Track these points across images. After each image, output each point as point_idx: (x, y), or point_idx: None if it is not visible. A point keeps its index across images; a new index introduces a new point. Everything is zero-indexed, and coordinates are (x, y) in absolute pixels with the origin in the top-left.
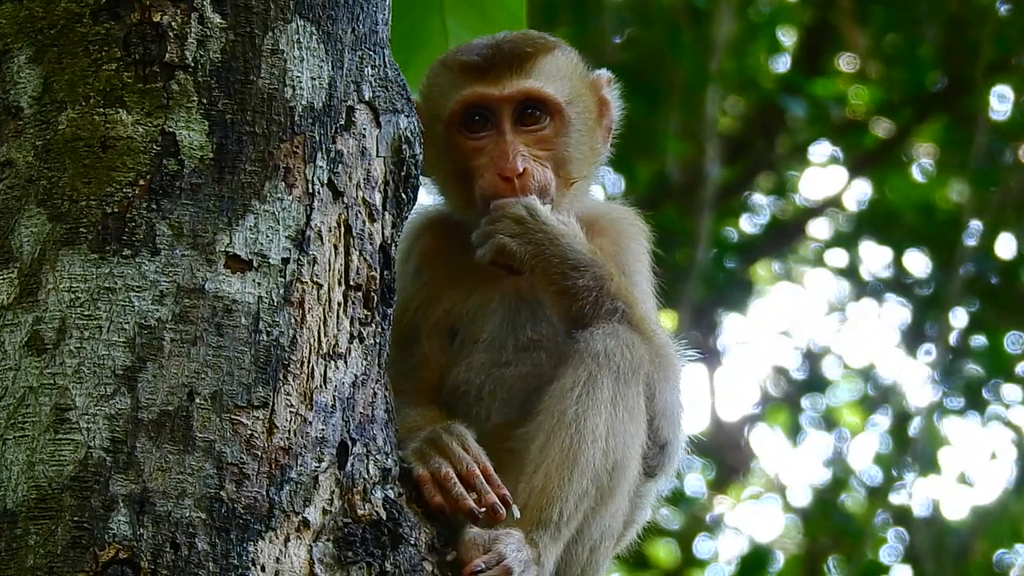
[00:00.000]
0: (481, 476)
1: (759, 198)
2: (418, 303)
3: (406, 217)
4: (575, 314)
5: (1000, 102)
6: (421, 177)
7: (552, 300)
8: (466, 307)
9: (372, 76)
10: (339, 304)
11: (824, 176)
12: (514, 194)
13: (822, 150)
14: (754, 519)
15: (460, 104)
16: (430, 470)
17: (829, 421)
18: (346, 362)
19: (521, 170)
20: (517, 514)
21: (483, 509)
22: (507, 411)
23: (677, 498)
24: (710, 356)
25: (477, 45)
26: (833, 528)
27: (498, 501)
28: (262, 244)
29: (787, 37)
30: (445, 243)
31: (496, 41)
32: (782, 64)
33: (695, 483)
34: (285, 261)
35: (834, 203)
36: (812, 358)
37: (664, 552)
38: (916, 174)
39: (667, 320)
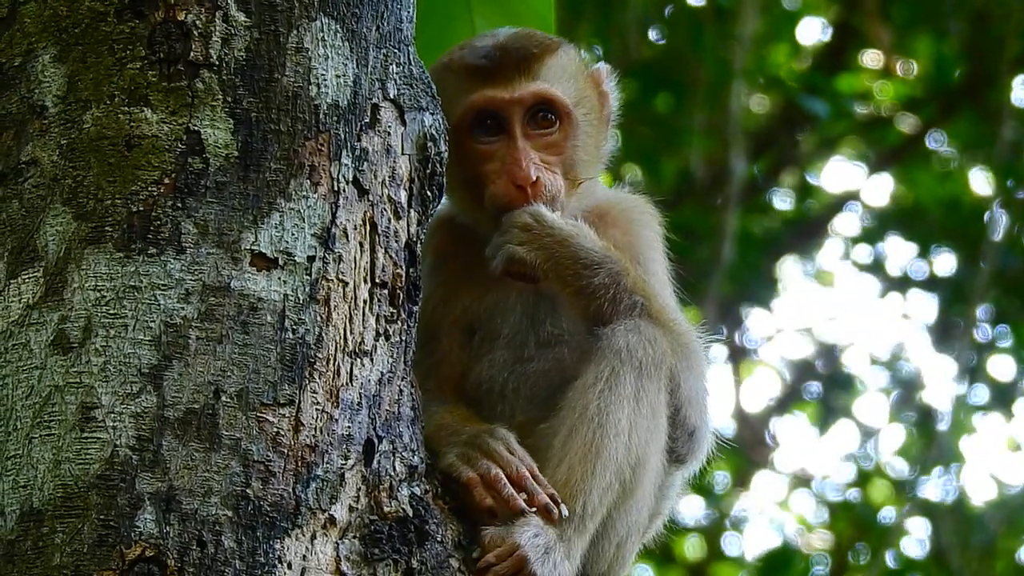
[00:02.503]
0: (530, 477)
1: (784, 194)
2: (435, 302)
3: (431, 215)
4: (594, 313)
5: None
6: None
7: (570, 302)
8: (484, 304)
9: (397, 74)
10: (365, 301)
11: (848, 172)
12: (526, 202)
13: (847, 147)
14: (779, 514)
15: (470, 108)
16: (479, 472)
17: (854, 416)
18: (372, 359)
19: (535, 179)
20: (565, 512)
21: (534, 509)
22: (531, 408)
23: (704, 492)
24: (735, 352)
25: (480, 47)
26: (858, 521)
27: (550, 501)
28: (288, 242)
29: (811, 34)
30: (459, 241)
31: (500, 42)
32: (806, 61)
33: (719, 477)
34: (311, 259)
35: (858, 198)
36: (837, 354)
37: (690, 547)
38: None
39: (692, 316)
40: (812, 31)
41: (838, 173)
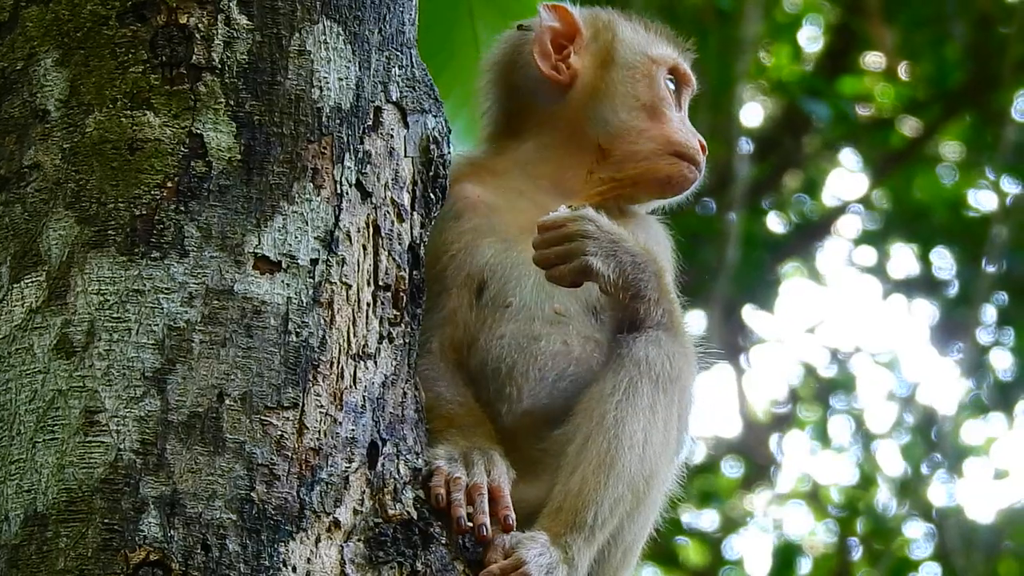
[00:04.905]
0: (485, 495)
1: (787, 196)
2: (455, 251)
3: (434, 217)
4: (634, 312)
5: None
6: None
7: (625, 305)
8: (501, 262)
9: (399, 76)
10: (368, 304)
11: (851, 176)
12: (700, 165)
13: (849, 153)
14: (784, 517)
15: (682, 65)
16: (448, 469)
17: (858, 419)
18: (376, 362)
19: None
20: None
21: (470, 524)
22: (538, 392)
23: (709, 496)
24: (739, 354)
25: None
26: (864, 524)
27: (485, 524)
28: (291, 245)
29: (812, 39)
30: (489, 191)
31: None
32: (809, 60)
33: (722, 481)
34: (314, 262)
35: (862, 202)
36: (840, 356)
37: (694, 552)
38: (942, 174)
39: (696, 319)
40: (813, 35)
41: (841, 176)
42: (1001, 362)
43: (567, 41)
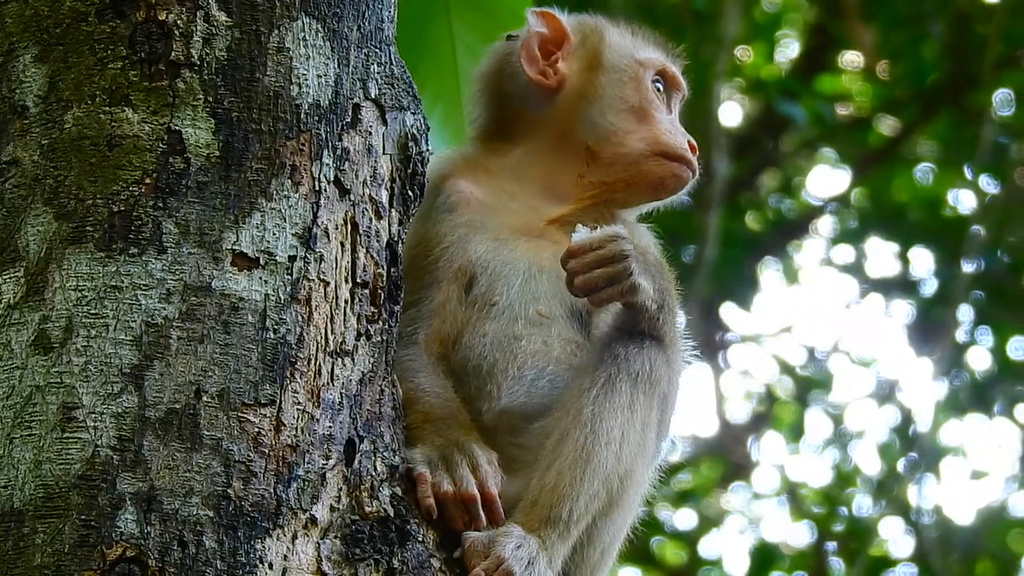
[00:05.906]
0: (479, 501)
1: (764, 195)
2: (450, 243)
3: (412, 214)
4: (654, 323)
5: (1005, 98)
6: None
7: (651, 316)
8: (493, 258)
9: (378, 73)
10: (346, 301)
11: (829, 174)
12: (692, 165)
13: (827, 152)
14: (761, 516)
15: (670, 68)
16: (433, 481)
17: (835, 419)
18: (353, 359)
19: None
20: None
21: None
22: (515, 390)
23: (686, 495)
24: (717, 352)
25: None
26: (841, 523)
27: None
28: (269, 242)
29: (790, 40)
30: (481, 188)
31: None
32: (786, 61)
33: (699, 479)
34: (292, 259)
35: (840, 200)
36: (818, 355)
37: (671, 551)
38: (920, 173)
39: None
40: (790, 34)
41: (820, 175)
42: (979, 361)
43: (555, 47)
